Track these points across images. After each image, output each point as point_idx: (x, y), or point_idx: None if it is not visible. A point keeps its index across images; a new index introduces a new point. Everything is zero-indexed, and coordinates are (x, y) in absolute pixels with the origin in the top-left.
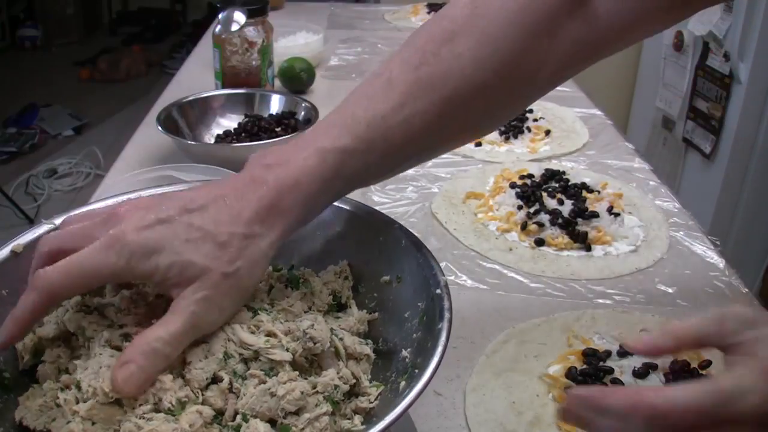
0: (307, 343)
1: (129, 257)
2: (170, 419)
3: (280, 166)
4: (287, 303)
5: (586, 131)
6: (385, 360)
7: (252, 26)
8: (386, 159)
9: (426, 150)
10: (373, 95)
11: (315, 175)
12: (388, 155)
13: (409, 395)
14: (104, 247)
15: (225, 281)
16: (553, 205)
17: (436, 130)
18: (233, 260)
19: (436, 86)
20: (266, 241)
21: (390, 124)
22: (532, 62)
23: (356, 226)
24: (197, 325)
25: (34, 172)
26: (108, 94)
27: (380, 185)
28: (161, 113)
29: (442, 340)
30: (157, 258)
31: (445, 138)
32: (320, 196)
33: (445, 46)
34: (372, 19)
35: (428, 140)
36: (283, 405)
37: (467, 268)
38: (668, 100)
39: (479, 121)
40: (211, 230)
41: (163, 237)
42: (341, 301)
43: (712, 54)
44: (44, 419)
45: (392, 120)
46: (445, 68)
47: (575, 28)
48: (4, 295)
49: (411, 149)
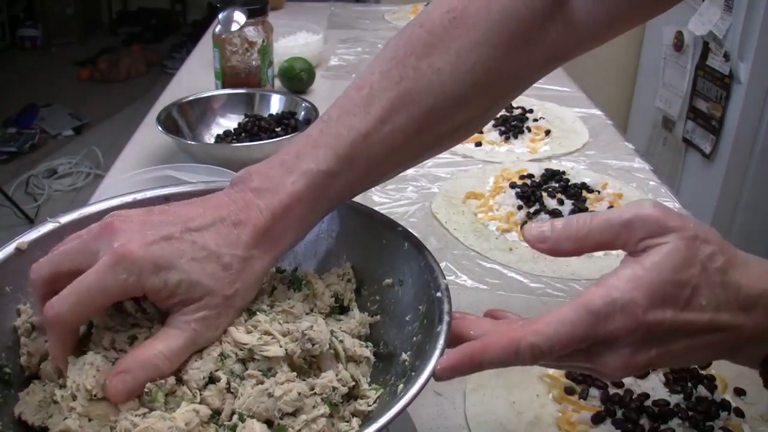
0: (306, 344)
1: (139, 273)
2: (166, 417)
3: (270, 192)
4: (288, 304)
5: (586, 131)
6: (386, 363)
7: (252, 26)
8: (369, 175)
9: (405, 162)
10: (356, 112)
11: (304, 199)
12: (370, 172)
13: (404, 398)
14: (111, 265)
15: (225, 302)
16: (553, 205)
17: (416, 144)
18: (233, 282)
19: (416, 102)
20: (260, 264)
21: (371, 142)
22: (512, 70)
23: (359, 228)
24: (196, 342)
25: (34, 172)
26: (108, 94)
27: (380, 185)
28: (161, 113)
29: (440, 343)
30: (165, 274)
31: (423, 149)
32: (309, 216)
33: (424, 60)
34: (372, 19)
35: (408, 153)
36: (280, 406)
37: (467, 268)
38: (668, 100)
39: (457, 130)
40: (214, 251)
41: (170, 254)
42: (343, 303)
43: (712, 54)
44: (42, 415)
45: (374, 138)
46: (424, 84)
47: (555, 32)
48: (8, 291)
49: (392, 163)
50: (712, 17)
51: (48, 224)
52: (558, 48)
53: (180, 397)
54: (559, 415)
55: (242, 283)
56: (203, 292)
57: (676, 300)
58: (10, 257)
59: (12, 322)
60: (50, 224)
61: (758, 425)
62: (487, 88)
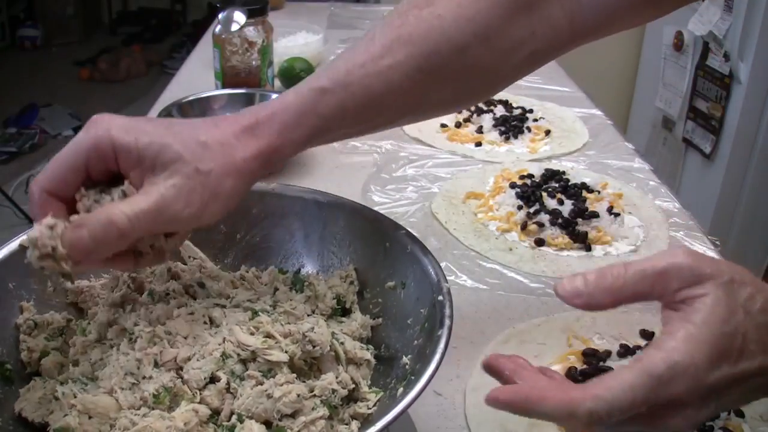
0: (306, 346)
1: (108, 128)
2: (165, 416)
3: (261, 106)
4: (290, 305)
5: (586, 131)
6: (387, 366)
7: (252, 26)
8: (364, 108)
9: (403, 109)
10: (355, 50)
11: (290, 109)
12: (365, 104)
13: (402, 402)
14: (85, 128)
15: (197, 176)
16: (553, 205)
17: (414, 87)
18: (208, 161)
19: (415, 42)
20: (240, 155)
21: (368, 71)
22: (513, 36)
23: (363, 230)
24: (161, 210)
25: (34, 172)
26: (108, 94)
27: (380, 185)
28: (161, 113)
29: (440, 348)
30: (135, 134)
31: (421, 100)
32: (296, 128)
33: (427, 8)
34: (372, 19)
35: (406, 97)
36: (279, 407)
37: (467, 268)
38: (668, 100)
39: (457, 88)
40: (192, 128)
41: (145, 123)
42: (345, 305)
43: (712, 54)
44: (42, 411)
45: (371, 68)
46: (425, 27)
47: (557, 12)
48: (11, 288)
49: (388, 101)
50: (712, 17)
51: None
52: (558, 32)
53: (180, 397)
54: None
55: (218, 166)
56: (174, 156)
57: (729, 353)
58: (13, 254)
59: (14, 319)
60: None
61: (758, 425)
62: (489, 42)
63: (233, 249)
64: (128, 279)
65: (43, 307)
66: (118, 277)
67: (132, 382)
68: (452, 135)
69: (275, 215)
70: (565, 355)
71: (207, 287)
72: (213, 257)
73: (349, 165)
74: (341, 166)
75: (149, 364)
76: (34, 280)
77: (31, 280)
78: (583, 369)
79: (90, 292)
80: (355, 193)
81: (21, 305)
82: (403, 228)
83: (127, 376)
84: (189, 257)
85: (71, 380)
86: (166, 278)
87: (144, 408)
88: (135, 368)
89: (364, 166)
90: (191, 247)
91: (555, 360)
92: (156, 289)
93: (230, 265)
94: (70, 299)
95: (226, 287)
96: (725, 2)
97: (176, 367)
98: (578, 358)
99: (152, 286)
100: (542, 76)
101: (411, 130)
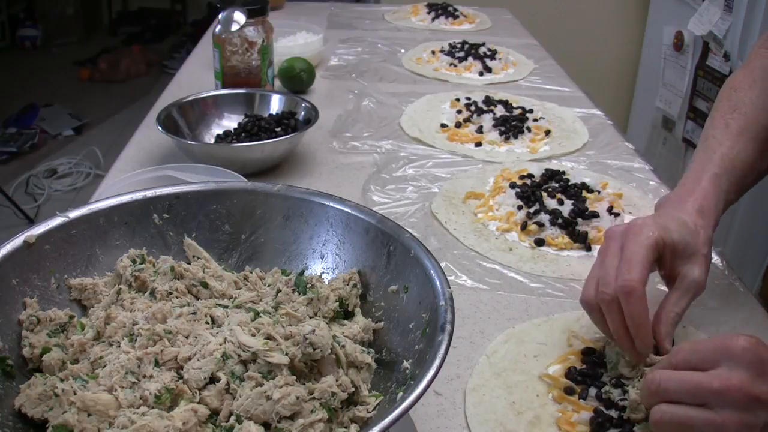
0: (307, 349)
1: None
2: (164, 415)
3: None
4: (292, 307)
5: (586, 131)
6: (388, 370)
7: (252, 26)
8: (744, 177)
9: (757, 174)
10: (721, 138)
11: (708, 188)
12: (744, 173)
13: (400, 407)
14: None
15: None
16: (553, 205)
17: (757, 160)
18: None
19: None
20: (705, 233)
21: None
22: None
23: (367, 233)
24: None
25: (34, 172)
26: (108, 94)
27: (380, 185)
28: (161, 113)
29: (440, 353)
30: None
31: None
32: (714, 199)
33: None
34: (372, 19)
35: (755, 167)
36: (277, 409)
37: (467, 268)
38: (668, 100)
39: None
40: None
41: None
42: (348, 308)
43: (712, 54)
44: (42, 408)
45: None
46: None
47: None
48: (14, 284)
49: (749, 175)
50: (712, 17)
51: (57, 218)
52: None
53: (179, 396)
54: (559, 415)
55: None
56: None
57: None
58: (17, 250)
59: (17, 315)
60: (59, 218)
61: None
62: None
63: (237, 249)
64: (131, 277)
65: (47, 303)
66: (120, 275)
67: (132, 380)
68: (452, 135)
69: (280, 217)
70: (565, 355)
71: (210, 287)
72: (217, 257)
73: (349, 165)
74: (341, 166)
75: (150, 363)
76: (37, 277)
77: (34, 276)
78: (583, 369)
79: (93, 290)
80: (355, 193)
81: (24, 301)
82: (407, 231)
83: (127, 375)
84: (193, 257)
85: (71, 377)
86: (170, 277)
87: (143, 407)
88: (135, 367)
89: (364, 166)
90: (196, 247)
91: (555, 360)
92: (158, 288)
93: (234, 266)
94: (74, 296)
95: (229, 287)
96: (725, 2)
97: (177, 366)
98: (578, 358)
99: (155, 284)
100: (542, 76)
101: (411, 130)
